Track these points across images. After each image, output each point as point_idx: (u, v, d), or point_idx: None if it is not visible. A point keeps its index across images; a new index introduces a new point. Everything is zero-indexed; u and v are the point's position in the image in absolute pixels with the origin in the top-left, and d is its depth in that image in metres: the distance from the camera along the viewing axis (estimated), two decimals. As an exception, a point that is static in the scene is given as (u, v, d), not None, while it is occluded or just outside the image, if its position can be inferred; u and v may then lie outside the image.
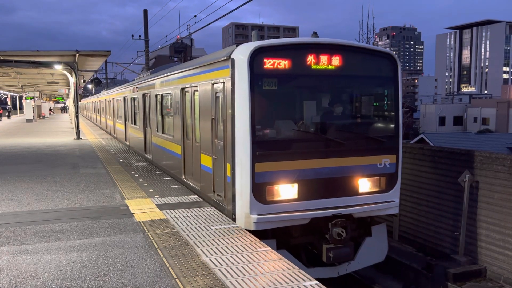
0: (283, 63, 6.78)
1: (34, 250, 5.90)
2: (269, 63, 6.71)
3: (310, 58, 6.97)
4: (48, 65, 22.67)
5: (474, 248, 9.08)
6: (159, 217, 7.50)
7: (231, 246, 5.95)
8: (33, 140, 23.17)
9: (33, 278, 4.99)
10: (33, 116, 46.39)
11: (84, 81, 40.19)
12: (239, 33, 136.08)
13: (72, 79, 24.50)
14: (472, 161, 9.07)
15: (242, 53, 6.71)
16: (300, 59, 6.95)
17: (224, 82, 7.16)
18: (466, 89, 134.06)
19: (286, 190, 6.90)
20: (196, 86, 8.69)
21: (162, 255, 5.65)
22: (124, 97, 19.29)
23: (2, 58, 21.29)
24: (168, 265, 5.31)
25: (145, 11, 32.64)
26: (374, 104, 7.95)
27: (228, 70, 6.95)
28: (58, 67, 22.89)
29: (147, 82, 14.07)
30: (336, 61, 7.13)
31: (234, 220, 7.07)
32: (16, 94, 66.38)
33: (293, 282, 4.75)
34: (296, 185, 6.94)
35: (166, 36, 29.85)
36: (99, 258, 5.61)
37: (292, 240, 7.29)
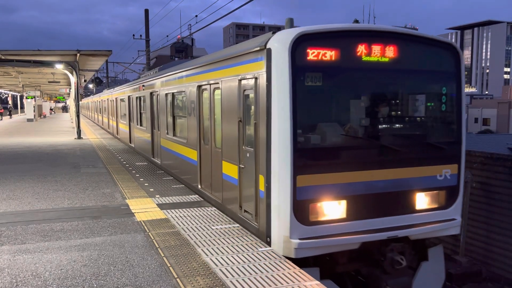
0: (329, 54, 5.66)
1: (35, 250, 5.91)
2: (313, 54, 5.59)
3: (361, 49, 5.86)
4: (49, 64, 22.70)
5: None
6: (159, 216, 7.51)
7: (231, 246, 5.96)
8: (34, 139, 23.19)
9: (34, 277, 5.00)
10: (34, 116, 46.45)
11: (85, 81, 40.23)
12: (240, 33, 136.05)
13: (73, 79, 24.53)
14: None
15: (281, 42, 5.59)
16: (349, 49, 5.83)
17: (256, 78, 6.08)
18: (467, 89, 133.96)
19: (333, 208, 5.81)
20: (217, 83, 7.63)
21: (162, 255, 5.65)
22: (129, 96, 18.33)
23: (3, 57, 21.32)
24: (168, 265, 5.31)
25: (146, 11, 32.68)
26: (433, 104, 6.76)
27: (262, 63, 5.90)
28: (59, 67, 22.91)
29: (156, 79, 12.98)
30: (391, 52, 6.04)
31: (268, 243, 5.95)
32: (17, 94, 66.46)
33: (293, 282, 4.75)
34: (344, 202, 5.84)
35: (167, 36, 29.84)
36: (100, 257, 5.61)
37: (337, 268, 6.17)
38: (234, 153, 6.97)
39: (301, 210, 5.61)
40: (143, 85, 15.10)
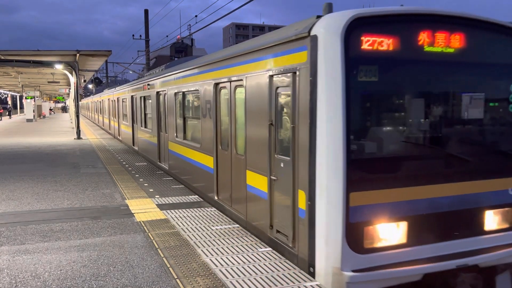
0: (386, 43, 4.68)
1: (34, 250, 5.90)
2: (367, 43, 4.59)
3: (423, 37, 4.86)
4: (48, 64, 22.70)
5: None
6: (159, 217, 7.50)
7: (231, 247, 5.94)
8: (34, 139, 23.18)
9: (33, 278, 4.99)
10: (34, 116, 46.46)
11: (84, 81, 40.23)
12: (240, 33, 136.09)
13: (72, 79, 24.52)
14: None
15: (332, 27, 4.55)
16: (409, 37, 4.83)
17: (294, 72, 5.07)
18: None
19: (391, 232, 4.80)
20: (241, 79, 6.66)
21: (162, 255, 5.64)
22: (132, 96, 17.37)
23: (3, 57, 21.32)
24: (168, 265, 5.30)
25: (146, 11, 32.70)
26: (508, 104, 5.63)
27: (303, 54, 4.89)
28: (59, 67, 22.91)
29: (163, 77, 11.99)
30: (457, 41, 5.03)
31: (311, 274, 4.90)
32: (16, 94, 66.45)
33: (293, 283, 4.75)
34: (404, 224, 4.82)
35: (167, 36, 29.86)
36: (99, 258, 5.60)
37: None
38: (263, 162, 6.00)
39: (355, 235, 4.60)
40: (148, 84, 14.23)
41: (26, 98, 46.15)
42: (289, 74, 5.23)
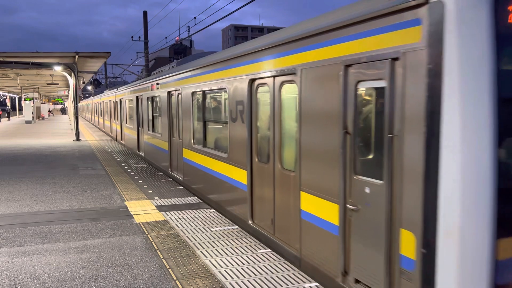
0: None
1: (33, 252, 5.89)
2: None
3: None
4: (47, 66, 22.69)
5: None
6: (158, 218, 7.49)
7: (231, 248, 5.94)
8: (33, 141, 23.16)
9: (33, 279, 4.99)
10: (33, 118, 46.44)
11: (83, 83, 40.23)
12: (239, 34, 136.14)
13: (71, 81, 24.51)
14: None
15: None
16: None
17: (395, 58, 3.60)
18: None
19: None
20: (293, 73, 5.20)
21: (162, 257, 5.64)
22: (137, 97, 16.03)
23: (1, 59, 21.32)
24: (168, 267, 5.30)
25: (145, 13, 32.72)
26: None
27: (414, 31, 3.39)
28: (58, 69, 22.90)
29: (177, 75, 10.63)
30: None
31: None
32: (15, 96, 66.41)
33: (293, 284, 4.74)
34: None
35: (166, 38, 29.86)
36: (99, 259, 5.60)
37: None
38: (330, 183, 4.53)
39: None
40: (157, 83, 12.70)
41: (25, 100, 46.14)
42: (382, 62, 3.75)
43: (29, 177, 11.74)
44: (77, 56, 21.13)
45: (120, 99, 21.14)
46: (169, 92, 11.38)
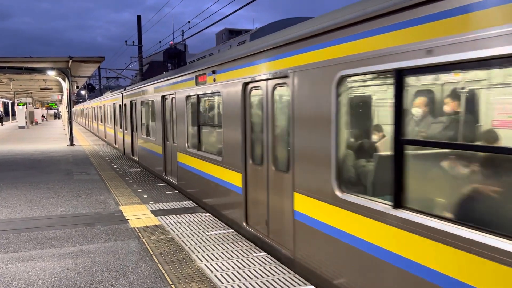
0: None
1: (28, 258, 5.86)
2: None
3: None
4: (41, 71, 22.59)
5: None
6: (154, 223, 7.47)
7: (226, 252, 5.94)
8: (26, 146, 23.02)
9: (27, 285, 4.95)
10: (26, 123, 46.15)
11: (77, 87, 40.04)
12: (233, 38, 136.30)
13: (65, 85, 24.42)
14: None
15: None
16: None
17: None
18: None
19: None
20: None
21: (157, 261, 5.62)
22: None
23: (-6, 64, 21.19)
24: (163, 271, 5.29)
25: (139, 17, 32.71)
26: None
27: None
28: (51, 73, 22.81)
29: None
30: None
31: None
32: (8, 101, 66.03)
33: (289, 287, 4.75)
34: None
35: (160, 42, 29.85)
36: (93, 264, 5.57)
37: None
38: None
39: None
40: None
41: (18, 105, 45.86)
42: None
43: (23, 182, 11.66)
44: (70, 61, 21.04)
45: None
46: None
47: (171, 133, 10.77)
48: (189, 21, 21.69)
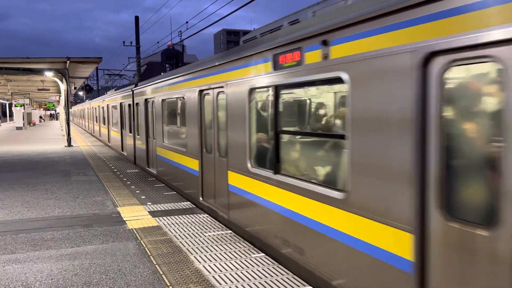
0: None
1: (25, 259, 5.83)
2: None
3: None
4: (38, 72, 22.55)
5: None
6: (151, 224, 7.46)
7: (224, 253, 5.93)
8: (24, 147, 22.96)
9: (24, 287, 4.93)
10: (23, 124, 46.06)
11: (75, 88, 39.97)
12: (231, 39, 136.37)
13: (63, 86, 24.38)
14: None
15: None
16: None
17: None
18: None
19: None
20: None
21: (155, 263, 5.61)
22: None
23: (-8, 65, 21.14)
24: (161, 273, 5.27)
25: (136, 18, 32.67)
26: None
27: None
28: (49, 74, 22.76)
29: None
30: None
31: None
32: (5, 102, 65.88)
33: (287, 288, 4.74)
34: None
35: (158, 42, 29.84)
36: (91, 266, 5.55)
37: None
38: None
39: None
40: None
41: (15, 106, 45.78)
42: None
43: (20, 183, 11.63)
44: (68, 62, 21.03)
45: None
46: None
47: (214, 142, 7.88)
48: (187, 22, 21.70)
